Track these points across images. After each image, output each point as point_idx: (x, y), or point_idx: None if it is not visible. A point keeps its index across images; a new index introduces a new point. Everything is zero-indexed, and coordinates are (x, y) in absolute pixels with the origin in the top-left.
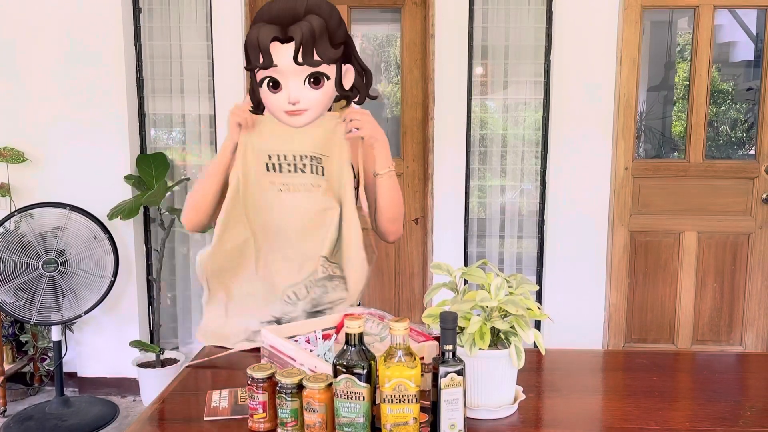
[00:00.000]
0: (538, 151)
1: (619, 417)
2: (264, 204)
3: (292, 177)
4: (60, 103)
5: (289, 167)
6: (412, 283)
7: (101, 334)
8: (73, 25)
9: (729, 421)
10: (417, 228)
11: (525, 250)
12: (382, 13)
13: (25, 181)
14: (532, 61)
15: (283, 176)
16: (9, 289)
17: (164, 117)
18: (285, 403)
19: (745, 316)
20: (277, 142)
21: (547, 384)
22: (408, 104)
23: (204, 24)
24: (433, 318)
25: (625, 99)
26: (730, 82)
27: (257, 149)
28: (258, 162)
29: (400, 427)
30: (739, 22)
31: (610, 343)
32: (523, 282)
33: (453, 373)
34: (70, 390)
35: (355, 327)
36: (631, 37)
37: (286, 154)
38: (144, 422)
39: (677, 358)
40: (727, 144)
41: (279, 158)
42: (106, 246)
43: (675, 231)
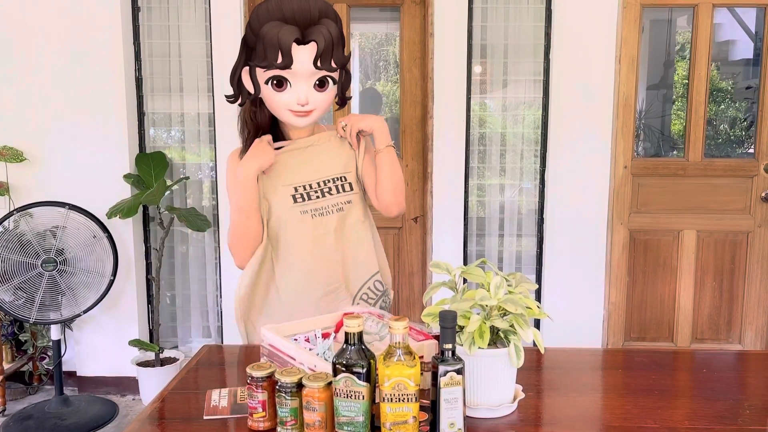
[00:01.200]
0: (538, 149)
1: (618, 415)
2: (297, 236)
3: (321, 202)
4: (59, 102)
5: (316, 194)
6: (411, 282)
7: (100, 333)
8: (72, 24)
9: (728, 419)
10: (416, 227)
11: (524, 249)
12: (381, 12)
13: (24, 180)
14: (532, 59)
15: (312, 203)
16: (8, 288)
17: (163, 116)
18: (284, 402)
19: (744, 314)
20: (296, 174)
21: (547, 383)
22: (407, 103)
23: (203, 23)
24: (433, 317)
25: (624, 98)
26: (729, 81)
27: (278, 185)
28: (284, 197)
29: (400, 426)
30: (738, 20)
31: (610, 341)
32: (523, 281)
33: (452, 372)
34: (69, 389)
35: (354, 326)
36: (631, 36)
37: (310, 182)
38: (143, 421)
39: (676, 356)
40: (726, 142)
41: (305, 188)
42: (105, 245)
43: (674, 229)
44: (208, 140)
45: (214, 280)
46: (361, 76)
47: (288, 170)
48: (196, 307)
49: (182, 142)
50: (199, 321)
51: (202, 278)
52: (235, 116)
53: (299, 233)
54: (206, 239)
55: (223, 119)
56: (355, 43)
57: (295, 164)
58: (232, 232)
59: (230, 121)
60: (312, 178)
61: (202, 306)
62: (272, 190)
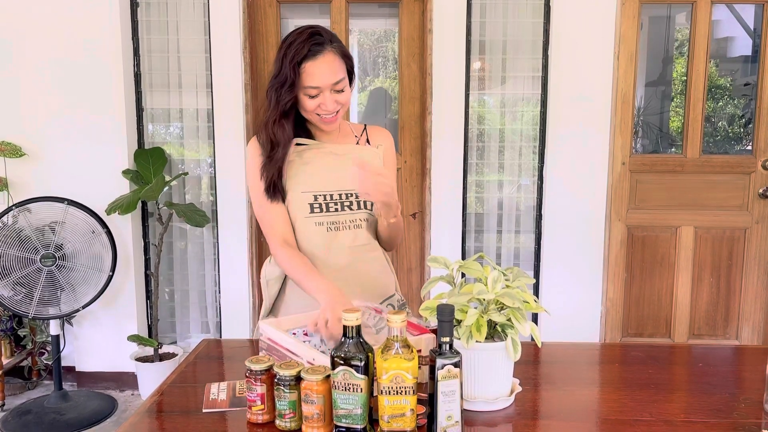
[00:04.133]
0: (536, 146)
1: (614, 409)
2: (308, 248)
3: (338, 216)
4: (57, 98)
5: (336, 205)
6: (410, 278)
7: (99, 329)
8: (70, 19)
9: (723, 413)
10: (415, 223)
11: (522, 245)
12: (380, 8)
13: (22, 176)
14: (530, 56)
15: (329, 216)
16: (7, 283)
17: (162, 112)
18: (283, 395)
19: (741, 310)
20: (319, 180)
21: (544, 376)
22: (406, 99)
23: (202, 18)
24: (431, 311)
25: (622, 94)
26: (728, 78)
27: (298, 189)
28: (302, 204)
29: (398, 419)
30: (737, 17)
31: (607, 337)
32: (520, 275)
33: (450, 365)
34: (68, 384)
35: (352, 319)
36: (629, 33)
37: (331, 193)
38: (143, 414)
39: (673, 351)
40: (724, 139)
41: (325, 198)
42: (104, 240)
43: (672, 226)
44: (206, 136)
45: (212, 275)
46: (359, 72)
47: (310, 175)
48: (194, 302)
49: (181, 138)
50: (197, 316)
51: (201, 274)
52: (233, 113)
53: (312, 245)
54: (205, 235)
55: (222, 115)
56: (354, 40)
57: (320, 168)
58: (287, 271)
59: (229, 117)
60: (334, 188)
61: (200, 301)
62: (291, 192)
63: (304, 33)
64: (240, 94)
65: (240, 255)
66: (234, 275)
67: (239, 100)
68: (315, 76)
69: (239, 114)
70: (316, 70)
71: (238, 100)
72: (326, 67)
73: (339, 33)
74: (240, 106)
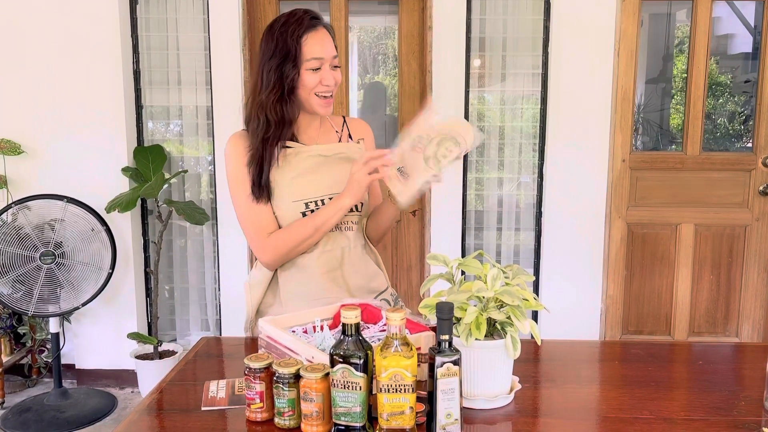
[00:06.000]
0: (536, 143)
1: (614, 407)
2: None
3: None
4: (57, 95)
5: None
6: (409, 276)
7: (99, 326)
8: (69, 16)
9: (723, 410)
10: (414, 220)
11: (522, 243)
12: (379, 5)
13: (22, 173)
14: (530, 53)
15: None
16: (6, 281)
17: (161, 109)
18: (282, 393)
19: (741, 307)
20: (310, 187)
21: (543, 374)
22: (405, 96)
23: (201, 15)
24: (430, 308)
25: (622, 91)
26: (728, 75)
27: (289, 200)
28: (294, 213)
29: (397, 417)
30: (738, 14)
31: (607, 335)
32: (520, 273)
33: (449, 363)
34: (68, 382)
35: (351, 317)
36: (630, 29)
37: (323, 197)
38: (142, 412)
39: (673, 348)
40: (724, 136)
41: (317, 204)
42: (103, 238)
43: (672, 223)
44: (206, 133)
45: (212, 273)
46: (359, 69)
47: (299, 183)
48: (194, 300)
49: (180, 135)
50: (197, 314)
51: (201, 271)
52: (233, 110)
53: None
54: (204, 232)
55: (222, 112)
56: (354, 37)
57: (309, 174)
58: (291, 240)
59: (228, 114)
60: (324, 193)
61: (200, 299)
62: (280, 201)
63: (297, 11)
64: (239, 91)
65: (240, 253)
66: (234, 273)
67: (239, 98)
68: (317, 47)
69: (239, 111)
70: (317, 41)
71: (238, 97)
72: (327, 39)
73: (339, 30)
74: (240, 104)
